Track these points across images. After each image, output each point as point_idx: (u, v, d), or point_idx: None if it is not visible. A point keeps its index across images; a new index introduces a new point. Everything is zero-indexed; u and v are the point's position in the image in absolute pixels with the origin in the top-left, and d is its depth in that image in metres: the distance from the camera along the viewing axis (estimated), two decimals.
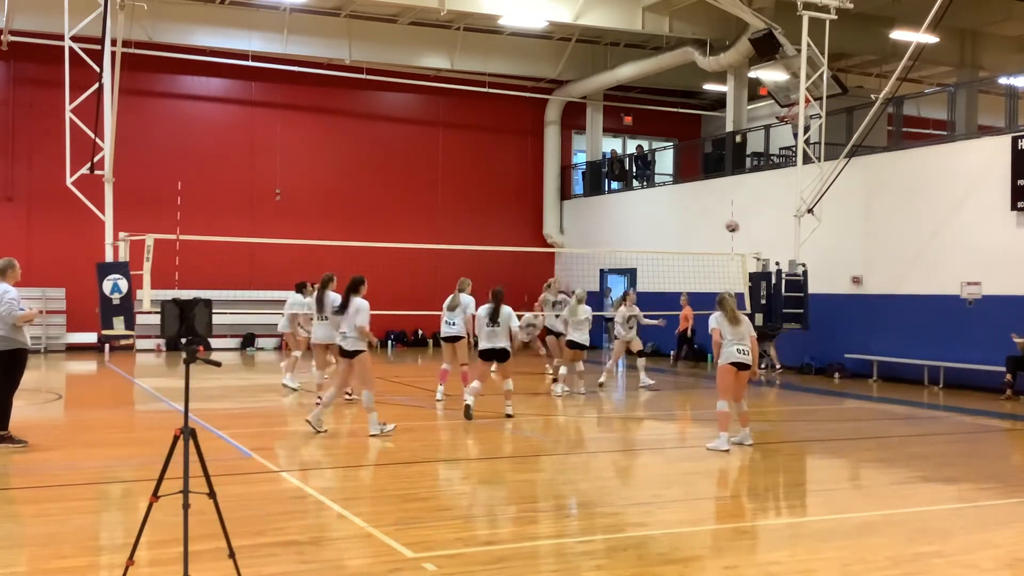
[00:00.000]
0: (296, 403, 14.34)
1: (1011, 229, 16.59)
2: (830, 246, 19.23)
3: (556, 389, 15.58)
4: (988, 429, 13.25)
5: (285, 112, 26.24)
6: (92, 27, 16.13)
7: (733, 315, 10.76)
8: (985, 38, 25.27)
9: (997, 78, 23.05)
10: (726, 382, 10.61)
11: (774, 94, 23.01)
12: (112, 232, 15.83)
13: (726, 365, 10.62)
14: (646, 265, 23.58)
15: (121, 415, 13.20)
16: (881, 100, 17.71)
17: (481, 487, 8.92)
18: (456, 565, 6.10)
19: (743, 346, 10.65)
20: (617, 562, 6.26)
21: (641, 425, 13.63)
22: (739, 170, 23.27)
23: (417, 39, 25.39)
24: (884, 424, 13.08)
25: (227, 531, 5.34)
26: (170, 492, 5.27)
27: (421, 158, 27.71)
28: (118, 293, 14.60)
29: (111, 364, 20.23)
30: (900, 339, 18.38)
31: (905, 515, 7.79)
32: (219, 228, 22.37)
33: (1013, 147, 16.56)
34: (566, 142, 29.73)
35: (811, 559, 6.43)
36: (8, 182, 23.72)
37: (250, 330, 25.05)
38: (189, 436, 5.30)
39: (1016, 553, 6.70)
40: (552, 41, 26.61)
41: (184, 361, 5.30)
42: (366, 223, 25.73)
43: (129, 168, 20.40)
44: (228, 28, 23.89)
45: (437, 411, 13.65)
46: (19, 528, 7.05)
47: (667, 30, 23.74)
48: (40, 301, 23.35)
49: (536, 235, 28.92)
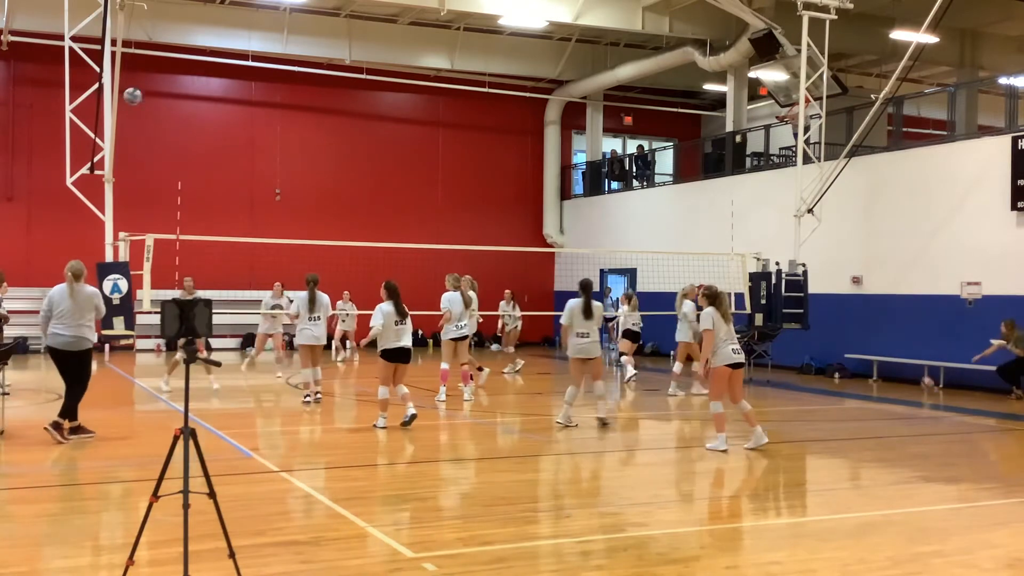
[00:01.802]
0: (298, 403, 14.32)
1: (1011, 229, 16.59)
2: (830, 246, 19.22)
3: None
4: (988, 429, 13.25)
5: (285, 112, 26.25)
6: (92, 27, 16.12)
7: (727, 311, 10.52)
8: (985, 38, 25.26)
9: (997, 78, 23.04)
10: (721, 384, 10.45)
11: (774, 94, 23.02)
12: (112, 232, 15.81)
13: (721, 367, 10.39)
14: (646, 265, 23.57)
15: (121, 415, 13.19)
16: (881, 100, 17.71)
17: (481, 487, 8.92)
18: (456, 565, 6.10)
19: (737, 345, 10.48)
20: (617, 562, 6.26)
21: (641, 425, 13.62)
22: (739, 170, 23.27)
23: (417, 39, 25.40)
24: (884, 424, 13.08)
25: (227, 531, 5.34)
26: (170, 492, 5.27)
27: (421, 158, 27.72)
28: (118, 293, 14.58)
29: (111, 364, 20.23)
30: (900, 339, 18.38)
31: (905, 515, 7.79)
32: (219, 228, 22.36)
33: (1013, 147, 16.56)
34: (566, 142, 29.73)
35: (811, 559, 6.43)
36: (8, 182, 23.72)
37: (250, 330, 25.03)
38: (189, 436, 5.30)
39: (1016, 553, 6.69)
40: (552, 41, 26.61)
41: (184, 361, 5.30)
42: (366, 223, 25.74)
43: (129, 168, 20.40)
44: (228, 28, 23.90)
45: (439, 411, 13.64)
46: (19, 528, 7.04)
47: (667, 30, 23.75)
48: (40, 301, 23.38)
49: (536, 235, 28.92)
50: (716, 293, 10.58)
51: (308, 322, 13.55)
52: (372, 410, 12.04)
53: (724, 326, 10.40)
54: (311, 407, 13.50)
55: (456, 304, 14.09)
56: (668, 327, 20.35)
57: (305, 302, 13.59)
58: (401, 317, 11.48)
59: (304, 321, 13.56)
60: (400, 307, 11.51)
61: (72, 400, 10.48)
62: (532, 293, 27.28)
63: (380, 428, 11.37)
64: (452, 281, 14.35)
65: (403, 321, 11.51)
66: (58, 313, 10.28)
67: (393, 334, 11.44)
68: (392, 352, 11.47)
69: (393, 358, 11.50)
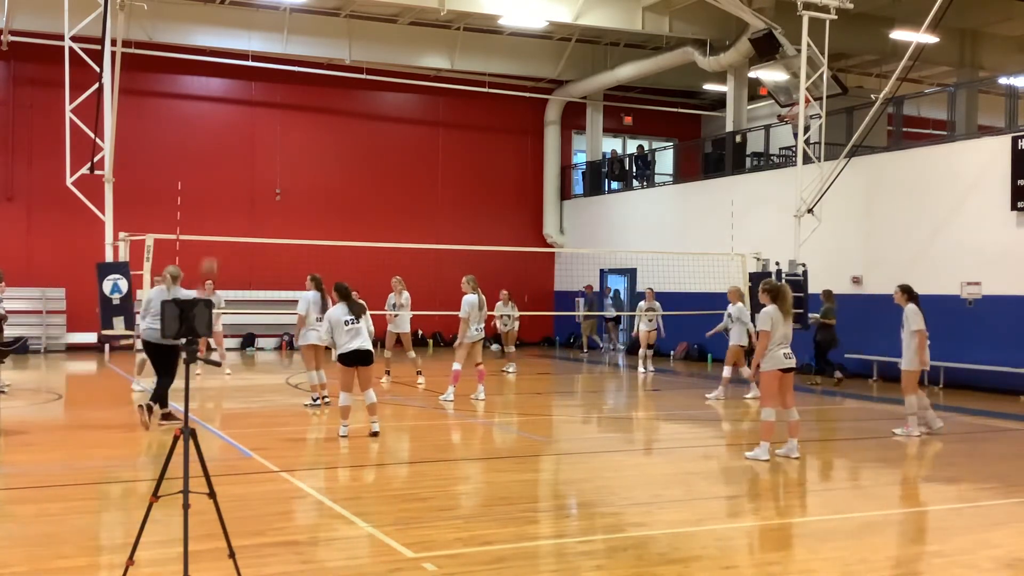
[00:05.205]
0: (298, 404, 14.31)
1: (1011, 229, 16.60)
2: (830, 246, 19.22)
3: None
4: (988, 429, 13.26)
5: (285, 112, 26.25)
6: (92, 27, 16.12)
7: (789, 309, 9.89)
8: (985, 38, 25.26)
9: (997, 78, 23.05)
10: (772, 389, 9.88)
11: (774, 94, 23.02)
12: (112, 232, 15.81)
13: (772, 371, 9.82)
14: (646, 265, 23.58)
15: (121, 415, 13.18)
16: (881, 100, 17.70)
17: (481, 487, 8.92)
18: (456, 565, 6.10)
19: (789, 349, 9.87)
20: (617, 562, 6.26)
21: (641, 425, 13.63)
22: (739, 170, 23.27)
23: (417, 39, 25.40)
24: (884, 424, 13.08)
25: (227, 531, 5.34)
26: (170, 492, 5.28)
27: (421, 158, 27.72)
28: (118, 293, 14.59)
29: (111, 364, 20.22)
30: (900, 339, 18.33)
31: (905, 515, 7.79)
32: (219, 228, 22.35)
33: (1013, 147, 16.56)
34: (566, 142, 29.73)
35: (811, 559, 6.43)
36: (8, 182, 23.73)
37: (250, 330, 25.06)
38: (189, 436, 5.30)
39: (1016, 553, 6.69)
40: (552, 41, 26.61)
41: (184, 361, 5.31)
42: (366, 223, 25.73)
43: (129, 168, 20.39)
44: (228, 28, 23.90)
45: (443, 411, 13.63)
46: (19, 528, 7.04)
47: (667, 30, 23.75)
48: (40, 301, 23.41)
49: (536, 235, 28.92)
50: (778, 288, 9.95)
51: (318, 323, 13.48)
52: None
53: (781, 328, 9.83)
54: (318, 410, 13.38)
55: (475, 307, 14.08)
56: (670, 327, 20.44)
57: (311, 303, 13.57)
58: (354, 318, 10.80)
59: (313, 322, 13.52)
60: (351, 307, 10.86)
61: (162, 388, 11.51)
62: (532, 293, 27.28)
63: (343, 436, 10.83)
64: (471, 284, 14.28)
65: (356, 322, 10.81)
66: (154, 311, 11.37)
67: (344, 336, 10.74)
68: (347, 356, 10.78)
69: (350, 362, 10.79)
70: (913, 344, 11.83)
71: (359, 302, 11.12)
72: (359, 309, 10.92)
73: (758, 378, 10.16)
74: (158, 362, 11.53)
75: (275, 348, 25.28)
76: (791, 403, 10.09)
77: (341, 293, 11.05)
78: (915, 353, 11.72)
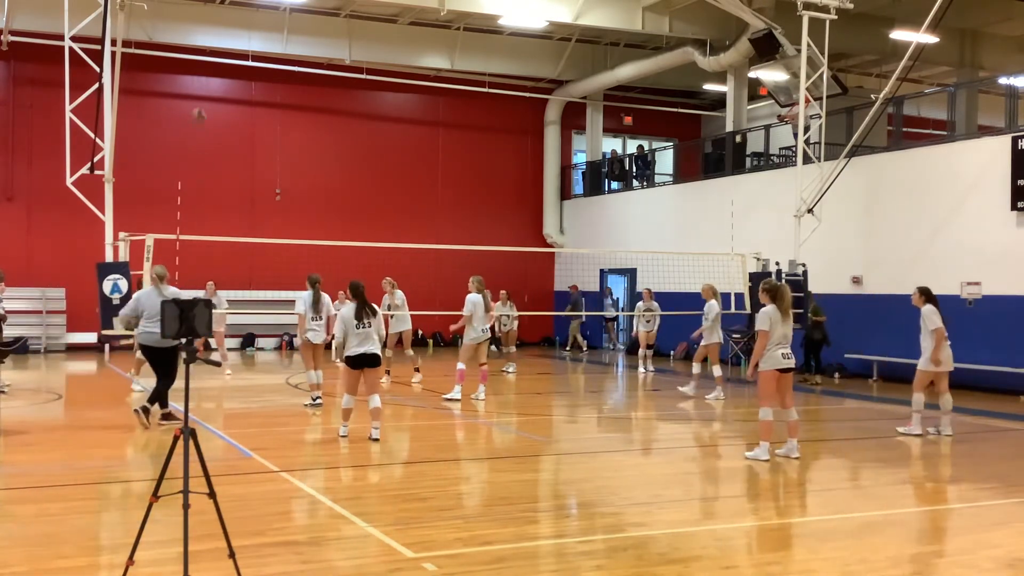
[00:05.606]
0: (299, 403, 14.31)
1: (1011, 229, 16.59)
2: (830, 246, 19.22)
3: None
4: (988, 429, 13.25)
5: (285, 112, 26.24)
6: (92, 27, 16.11)
7: (788, 309, 9.86)
8: (985, 38, 25.26)
9: (997, 78, 23.04)
10: (769, 389, 9.88)
11: (774, 94, 23.01)
12: (112, 232, 15.80)
13: (770, 371, 9.84)
14: (646, 265, 23.57)
15: (121, 415, 13.18)
16: (881, 100, 17.70)
17: (481, 487, 8.93)
18: (456, 565, 6.10)
19: (788, 349, 9.90)
20: (617, 562, 6.26)
21: (641, 425, 13.62)
22: (739, 170, 23.26)
23: (417, 39, 25.39)
24: (884, 424, 13.08)
25: (227, 531, 5.34)
26: (170, 492, 5.28)
27: (421, 158, 27.71)
28: (118, 293, 14.57)
29: (111, 364, 20.23)
30: (900, 339, 18.33)
31: (905, 515, 7.79)
32: (219, 228, 22.36)
33: (1013, 147, 16.56)
34: (566, 142, 29.72)
35: (811, 559, 6.43)
36: (8, 182, 23.72)
37: (250, 330, 25.05)
38: (189, 436, 5.30)
39: (1016, 553, 6.69)
40: (552, 41, 26.60)
41: (184, 361, 5.30)
42: (366, 223, 25.73)
43: (129, 168, 20.38)
44: (228, 28, 23.89)
45: (443, 411, 13.63)
46: (19, 528, 7.04)
47: (667, 30, 23.74)
48: (40, 301, 23.41)
49: (536, 235, 28.91)
50: (777, 288, 9.90)
51: (312, 322, 13.58)
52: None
53: (780, 328, 9.80)
54: (317, 410, 13.39)
55: (480, 307, 14.12)
56: (669, 327, 20.43)
57: (309, 302, 13.61)
58: (361, 320, 10.58)
59: (309, 321, 13.58)
60: (363, 309, 10.64)
61: (162, 388, 11.53)
62: (532, 293, 27.28)
63: (343, 436, 10.79)
64: (477, 284, 14.34)
65: (366, 324, 10.60)
66: (147, 314, 11.31)
67: (354, 339, 10.58)
68: (354, 359, 10.63)
69: (356, 364, 10.65)
70: (931, 345, 11.75)
71: (372, 305, 10.85)
72: (371, 311, 10.71)
73: (756, 377, 10.16)
74: (158, 365, 11.54)
75: (275, 348, 25.28)
76: (790, 403, 10.09)
77: (355, 293, 10.86)
78: (932, 354, 11.68)
